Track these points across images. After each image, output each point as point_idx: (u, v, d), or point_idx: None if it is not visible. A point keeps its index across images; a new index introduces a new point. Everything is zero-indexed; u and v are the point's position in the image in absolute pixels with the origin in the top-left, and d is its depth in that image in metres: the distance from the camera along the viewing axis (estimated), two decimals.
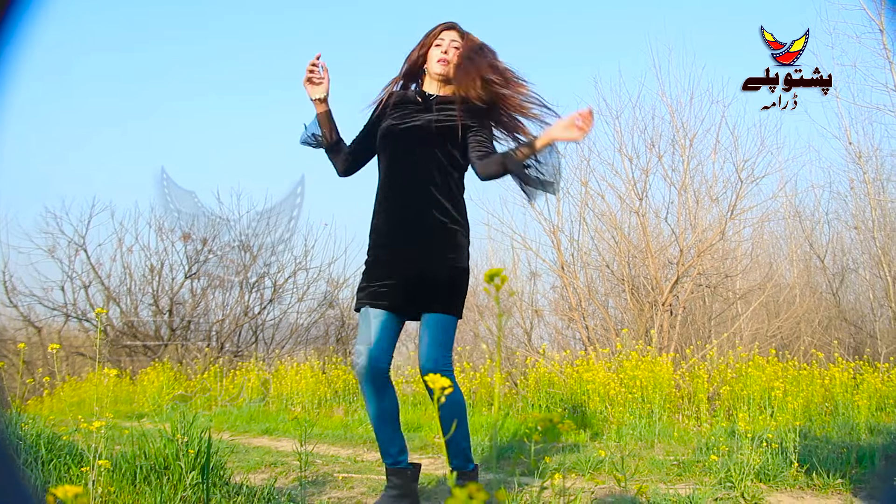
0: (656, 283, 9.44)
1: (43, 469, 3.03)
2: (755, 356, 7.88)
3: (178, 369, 11.20)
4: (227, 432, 6.87)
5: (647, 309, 9.55)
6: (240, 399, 9.25)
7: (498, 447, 5.49)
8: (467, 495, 0.94)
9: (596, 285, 10.88)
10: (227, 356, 12.13)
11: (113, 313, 13.36)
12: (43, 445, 3.23)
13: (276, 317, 13.26)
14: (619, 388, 7.57)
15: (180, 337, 12.82)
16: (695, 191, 9.94)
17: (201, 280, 13.10)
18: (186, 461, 2.83)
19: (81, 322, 13.47)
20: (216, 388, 9.61)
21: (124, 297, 13.30)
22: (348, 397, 9.12)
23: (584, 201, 10.24)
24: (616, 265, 10.22)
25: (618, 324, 10.02)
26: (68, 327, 13.88)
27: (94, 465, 2.41)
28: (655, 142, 9.85)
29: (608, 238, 10.38)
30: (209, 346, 12.38)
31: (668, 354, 8.28)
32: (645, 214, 9.71)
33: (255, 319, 13.06)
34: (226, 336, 12.86)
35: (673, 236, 9.84)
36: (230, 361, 11.84)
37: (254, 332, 13.38)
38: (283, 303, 13.30)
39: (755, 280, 11.09)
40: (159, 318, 13.05)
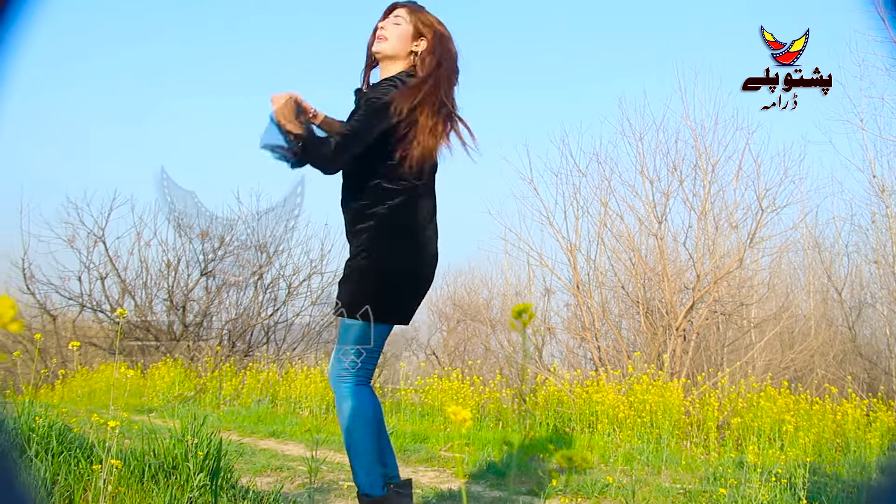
0: (671, 308, 9.39)
1: (53, 461, 3.04)
2: (767, 387, 7.83)
3: (188, 366, 11.23)
4: (234, 433, 6.87)
5: (660, 333, 9.51)
6: (238, 399, 9.27)
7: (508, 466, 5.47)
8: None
9: (609, 306, 10.85)
10: (237, 356, 12.15)
11: (127, 306, 13.42)
12: (54, 437, 3.24)
13: (289, 319, 13.28)
14: (629, 412, 7.54)
15: (192, 334, 12.86)
16: (714, 217, 9.90)
17: (216, 278, 13.14)
18: (195, 462, 2.84)
19: (96, 313, 13.54)
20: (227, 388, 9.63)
21: (139, 291, 13.36)
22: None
23: (602, 221, 10.22)
24: (631, 287, 10.18)
25: (630, 346, 9.98)
26: (83, 317, 13.97)
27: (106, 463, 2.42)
28: (678, 165, 9.83)
29: (625, 259, 10.34)
30: (220, 345, 12.41)
31: (680, 380, 8.22)
32: (663, 238, 9.67)
33: (267, 320, 13.08)
34: (237, 335, 12.89)
35: (690, 261, 9.80)
36: (240, 361, 11.85)
37: (265, 333, 13.40)
38: (296, 305, 13.33)
39: (771, 310, 11.01)
40: (173, 314, 13.10)
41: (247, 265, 13.17)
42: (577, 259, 10.08)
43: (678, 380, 8.40)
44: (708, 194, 9.75)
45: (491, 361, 12.67)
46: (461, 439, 6.53)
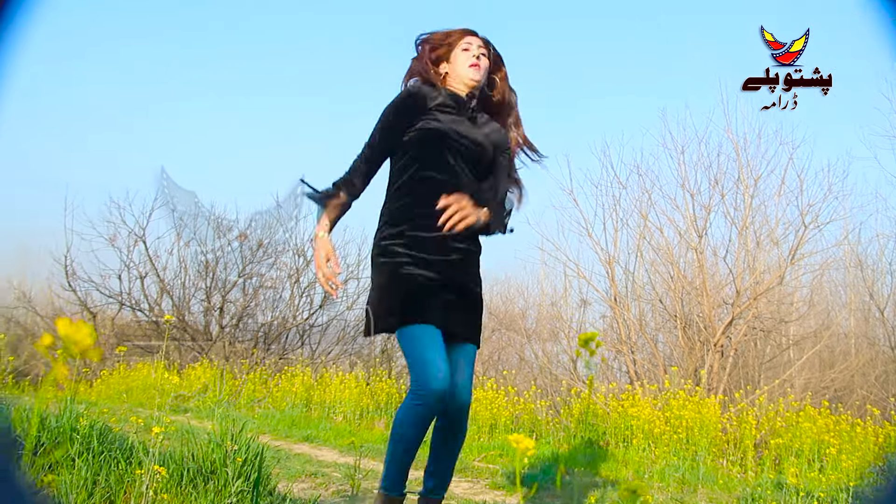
0: (709, 323, 9.29)
1: (94, 461, 3.06)
2: (807, 406, 7.70)
3: (223, 367, 11.32)
4: (268, 436, 6.91)
5: (697, 348, 9.40)
6: (263, 402, 9.31)
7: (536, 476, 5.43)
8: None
9: (646, 319, 10.76)
10: (273, 358, 12.23)
11: (165, 305, 13.57)
12: (95, 437, 3.27)
13: (324, 323, 13.35)
14: (665, 427, 7.46)
15: (228, 335, 12.96)
16: (755, 232, 9.78)
17: (254, 280, 13.25)
18: (233, 468, 2.85)
19: (134, 311, 13.70)
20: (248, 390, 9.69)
21: (178, 291, 13.51)
22: (390, 411, 9.12)
23: (641, 234, 10.14)
24: (669, 301, 10.08)
25: (666, 360, 9.88)
26: (122, 315, 14.14)
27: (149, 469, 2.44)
28: (719, 179, 9.73)
29: (663, 272, 10.26)
30: (256, 347, 12.50)
31: (717, 396, 8.12)
32: (703, 252, 9.57)
33: (302, 324, 13.15)
34: (273, 338, 12.97)
35: (730, 276, 9.68)
36: (275, 364, 11.93)
37: (300, 337, 13.48)
38: (331, 310, 13.39)
39: (810, 328, 10.85)
40: (210, 315, 13.23)
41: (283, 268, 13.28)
42: (615, 271, 10.00)
43: (715, 396, 8.30)
44: (749, 209, 9.63)
45: (525, 371, 12.61)
46: (495, 450, 6.51)
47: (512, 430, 8.18)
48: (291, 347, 13.28)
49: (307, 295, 13.34)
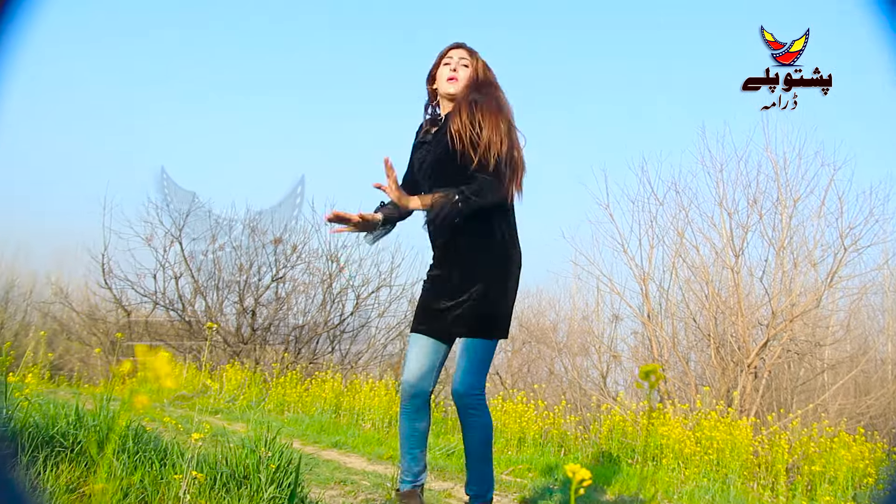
0: (743, 343, 9.20)
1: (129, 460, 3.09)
2: (841, 432, 7.58)
3: (254, 370, 11.39)
4: (297, 441, 6.93)
5: (730, 368, 9.31)
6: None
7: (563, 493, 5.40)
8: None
9: (678, 338, 10.67)
10: (303, 363, 12.29)
11: (198, 306, 13.70)
12: (131, 437, 3.30)
13: (355, 329, 13.39)
14: (695, 448, 7.38)
15: (260, 338, 13.05)
16: (793, 253, 9.67)
17: (286, 284, 13.34)
18: (267, 474, 2.86)
19: (168, 311, 13.84)
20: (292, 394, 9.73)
21: (211, 292, 13.62)
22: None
23: (677, 252, 10.07)
24: (702, 320, 10.00)
25: (698, 380, 9.79)
26: (155, 314, 14.29)
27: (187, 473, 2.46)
28: (758, 199, 9.64)
29: (698, 291, 10.17)
30: (287, 351, 12.57)
31: (749, 419, 8.03)
32: (739, 272, 9.49)
33: (333, 329, 13.21)
34: (303, 343, 13.04)
35: (766, 297, 9.58)
36: (305, 368, 11.98)
37: (331, 342, 13.53)
38: (362, 316, 13.43)
39: (846, 352, 10.71)
40: (242, 317, 13.33)
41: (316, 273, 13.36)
42: (649, 288, 9.94)
43: (747, 418, 8.20)
44: (787, 229, 9.53)
45: (554, 384, 12.56)
46: (524, 464, 6.48)
47: (540, 445, 8.13)
48: (322, 352, 13.34)
49: (339, 300, 13.40)
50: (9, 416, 3.30)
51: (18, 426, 3.26)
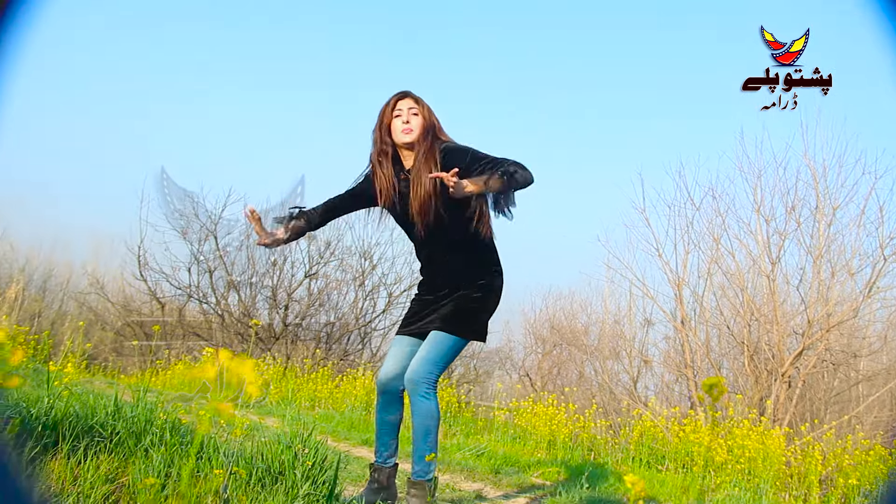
0: (777, 352, 9.09)
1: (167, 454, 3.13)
2: (876, 445, 7.47)
3: (285, 365, 11.46)
4: (328, 437, 6.96)
5: (763, 377, 9.21)
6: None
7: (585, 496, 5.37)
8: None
9: (711, 344, 10.58)
10: (334, 360, 12.35)
11: (231, 300, 13.81)
12: (168, 430, 3.33)
13: (386, 327, 13.43)
14: (726, 456, 7.31)
15: (291, 333, 13.14)
16: (831, 262, 9.54)
17: (319, 280, 13.41)
18: (302, 470, 2.88)
19: (202, 304, 13.97)
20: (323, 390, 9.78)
21: (244, 287, 13.73)
22: (448, 419, 9.12)
23: (713, 258, 9.98)
24: (736, 327, 9.90)
25: (730, 387, 9.69)
26: (189, 307, 14.43)
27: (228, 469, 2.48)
28: (796, 206, 9.52)
29: (732, 297, 10.08)
30: (318, 347, 12.63)
31: (783, 428, 7.94)
32: (775, 279, 9.38)
33: (364, 327, 13.26)
34: (335, 339, 13.10)
35: (802, 306, 9.46)
36: (336, 365, 12.04)
37: (362, 339, 13.58)
38: (394, 314, 13.47)
39: (883, 364, 10.53)
40: (275, 312, 13.42)
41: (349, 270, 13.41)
42: (683, 293, 9.86)
43: (780, 428, 8.11)
44: (826, 238, 9.41)
45: (584, 388, 12.51)
46: (554, 467, 6.46)
47: (570, 448, 8.10)
48: (352, 349, 13.40)
49: (370, 298, 13.45)
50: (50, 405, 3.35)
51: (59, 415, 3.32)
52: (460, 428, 8.75)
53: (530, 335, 14.44)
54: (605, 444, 8.59)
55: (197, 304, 14.15)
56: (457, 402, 9.48)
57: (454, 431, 8.58)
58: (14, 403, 3.19)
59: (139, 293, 14.66)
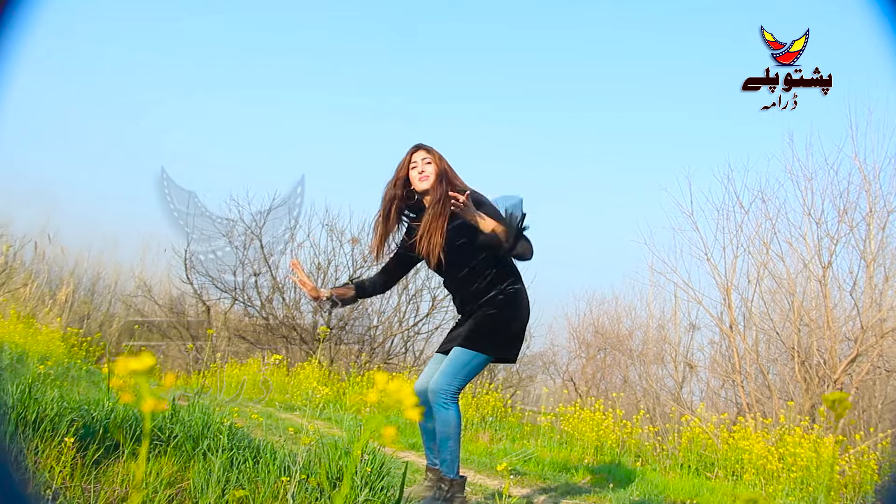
0: (829, 358, 8.92)
1: (224, 458, 3.14)
2: None
3: (329, 368, 11.51)
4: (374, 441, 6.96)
5: (815, 384, 9.04)
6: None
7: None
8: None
9: (759, 349, 10.41)
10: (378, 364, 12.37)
11: (276, 303, 13.91)
12: (225, 434, 3.35)
13: (430, 331, 13.44)
14: (778, 464, 7.19)
15: (335, 336, 13.19)
16: (884, 266, 9.34)
17: None
18: (362, 477, 2.87)
19: (246, 307, 14.09)
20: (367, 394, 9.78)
21: (289, 290, 13.83)
22: (495, 424, 9.08)
23: (762, 262, 9.82)
24: (786, 332, 9.73)
25: (780, 394, 9.54)
26: (234, 310, 14.57)
27: (295, 477, 2.48)
28: (848, 209, 9.33)
29: (781, 302, 9.91)
30: (362, 351, 12.67)
31: (838, 437, 7.78)
32: (827, 284, 9.20)
33: (408, 331, 13.26)
34: (378, 343, 13.13)
35: (854, 311, 9.27)
36: (381, 369, 12.06)
37: (405, 343, 13.59)
38: (437, 318, 13.47)
39: None
40: (318, 315, 13.49)
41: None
42: (731, 298, 9.72)
43: (833, 436, 7.95)
44: (879, 242, 9.21)
45: (628, 392, 12.39)
46: (601, 473, 6.40)
47: (618, 454, 8.03)
48: (395, 353, 13.41)
49: (414, 302, 13.45)
50: (110, 407, 3.38)
51: (119, 418, 3.35)
52: (506, 433, 8.71)
53: (574, 339, 14.35)
54: (652, 450, 8.50)
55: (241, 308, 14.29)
56: (502, 407, 9.44)
57: (500, 436, 8.54)
58: (76, 406, 3.23)
59: (185, 296, 14.84)
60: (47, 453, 2.74)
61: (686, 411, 9.35)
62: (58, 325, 12.64)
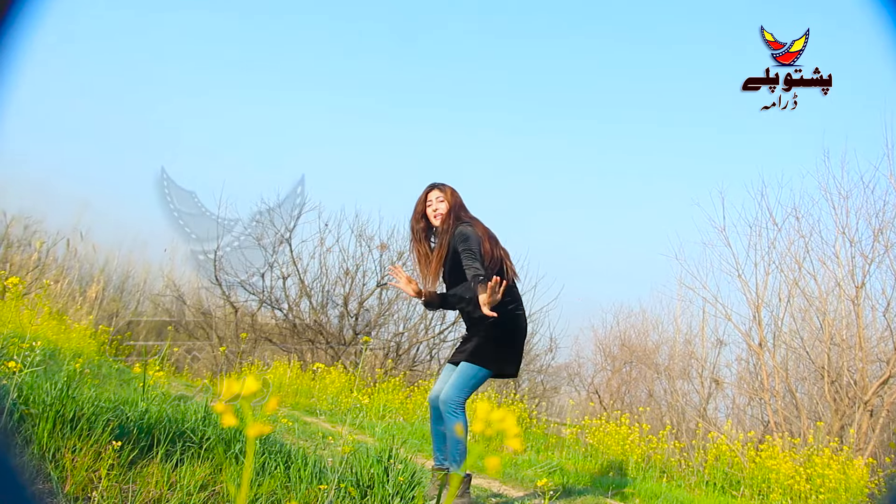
0: (860, 379, 8.80)
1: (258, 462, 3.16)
2: None
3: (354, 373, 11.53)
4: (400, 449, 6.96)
5: (844, 404, 8.92)
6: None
7: None
8: None
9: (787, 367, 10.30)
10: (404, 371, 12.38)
11: (303, 307, 13.96)
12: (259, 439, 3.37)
13: (455, 339, 13.41)
14: (806, 486, 7.10)
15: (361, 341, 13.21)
16: None
17: (390, 290, 13.48)
18: (394, 486, 2.87)
19: (274, 310, 14.14)
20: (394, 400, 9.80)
21: (317, 294, 13.87)
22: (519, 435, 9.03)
23: (794, 280, 9.72)
24: (814, 351, 9.62)
25: (809, 413, 9.43)
26: (261, 312, 14.63)
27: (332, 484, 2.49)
28: (884, 229, 9.21)
29: (813, 321, 9.80)
30: (388, 357, 12.68)
31: (868, 460, 7.68)
32: (860, 304, 9.08)
33: (434, 338, 13.26)
34: (404, 350, 13.14)
35: (886, 332, 9.15)
36: (406, 376, 12.07)
37: (429, 351, 13.59)
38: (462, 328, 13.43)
39: None
40: (345, 320, 13.52)
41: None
42: (762, 315, 9.62)
43: (862, 458, 7.85)
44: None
45: (653, 406, 12.29)
46: (627, 487, 6.36)
47: (643, 469, 7.97)
48: (421, 360, 13.42)
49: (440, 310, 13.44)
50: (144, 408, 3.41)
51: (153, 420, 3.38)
52: (531, 444, 8.68)
53: (600, 352, 14.27)
54: (677, 465, 8.43)
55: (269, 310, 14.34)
56: (527, 417, 9.41)
57: (524, 447, 8.51)
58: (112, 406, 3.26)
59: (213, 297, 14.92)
60: (84, 451, 2.77)
61: (712, 428, 9.26)
62: (88, 322, 12.75)
